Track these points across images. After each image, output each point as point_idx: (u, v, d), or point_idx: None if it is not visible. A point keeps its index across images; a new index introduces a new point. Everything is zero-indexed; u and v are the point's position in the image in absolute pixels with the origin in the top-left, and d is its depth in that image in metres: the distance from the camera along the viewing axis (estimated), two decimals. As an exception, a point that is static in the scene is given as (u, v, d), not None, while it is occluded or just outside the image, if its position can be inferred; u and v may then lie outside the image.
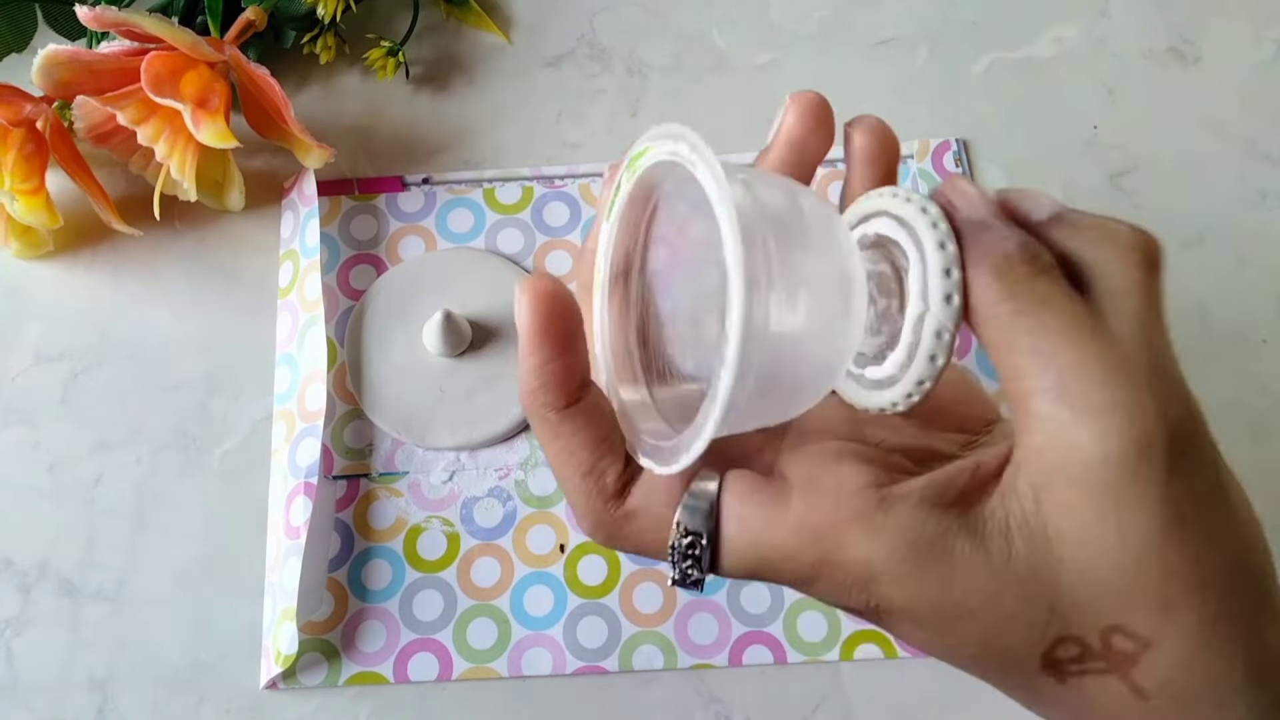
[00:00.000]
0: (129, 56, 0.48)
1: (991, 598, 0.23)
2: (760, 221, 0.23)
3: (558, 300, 0.26)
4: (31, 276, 0.52)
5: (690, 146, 0.24)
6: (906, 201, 0.25)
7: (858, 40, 0.57)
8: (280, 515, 0.45)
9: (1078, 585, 0.23)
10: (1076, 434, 0.23)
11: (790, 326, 0.23)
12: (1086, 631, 0.23)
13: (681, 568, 0.26)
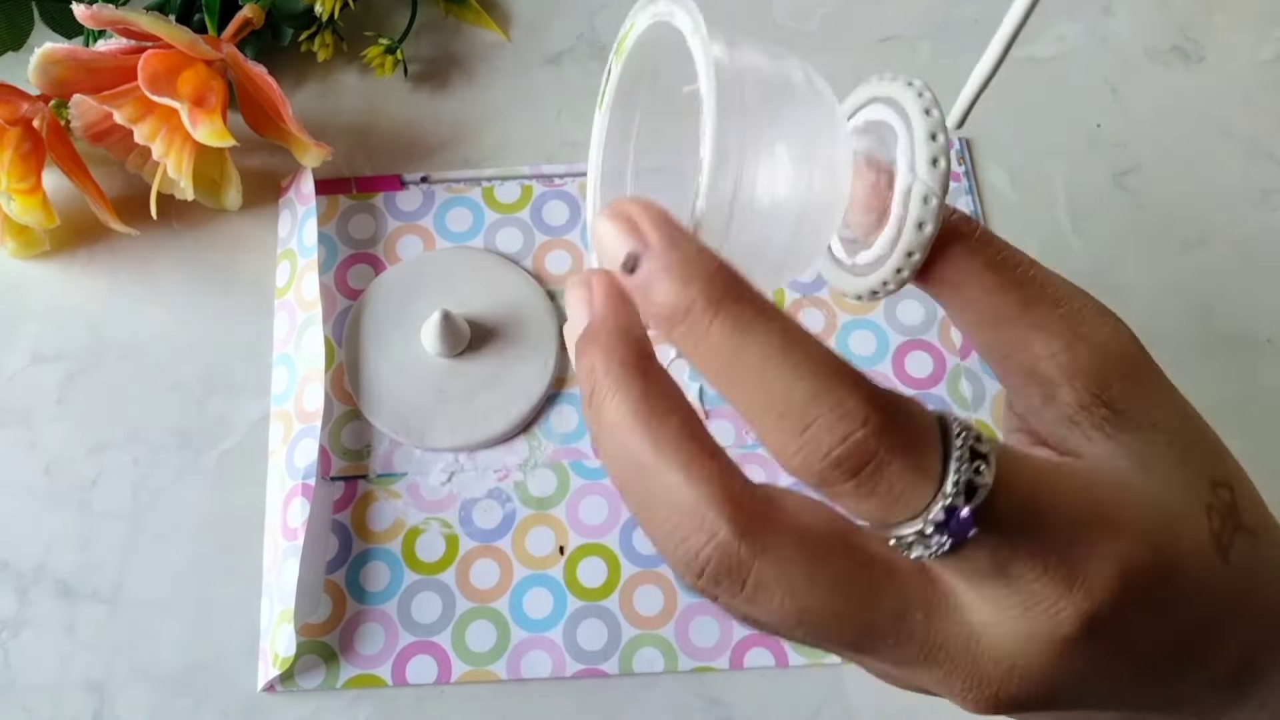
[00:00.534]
0: (126, 55, 0.48)
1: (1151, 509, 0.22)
2: (741, 72, 0.22)
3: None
4: (28, 276, 0.51)
5: (678, 5, 0.23)
6: (892, 80, 0.25)
7: (860, 38, 0.57)
8: (278, 516, 0.45)
9: (1181, 455, 0.24)
10: (1116, 330, 0.24)
11: (771, 179, 0.23)
12: (1210, 496, 0.23)
13: (967, 469, 0.20)
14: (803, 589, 0.21)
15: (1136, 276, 0.51)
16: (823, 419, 0.19)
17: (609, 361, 0.22)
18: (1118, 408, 0.23)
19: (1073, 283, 0.25)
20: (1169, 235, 0.52)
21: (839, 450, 0.19)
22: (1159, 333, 0.49)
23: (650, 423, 0.21)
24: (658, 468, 0.21)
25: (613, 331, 0.22)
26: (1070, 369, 0.23)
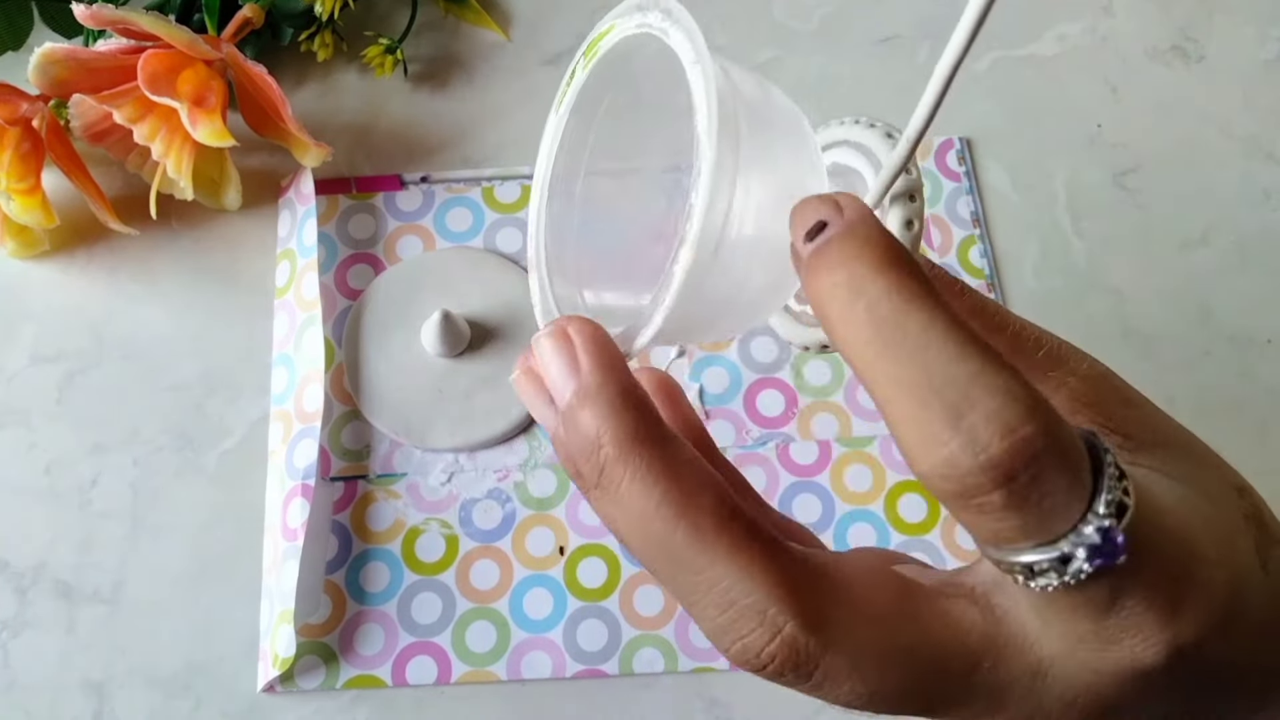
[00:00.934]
0: (125, 54, 0.48)
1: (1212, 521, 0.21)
2: (736, 106, 0.21)
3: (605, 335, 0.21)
4: (27, 276, 0.51)
5: (664, 13, 0.21)
6: (869, 128, 0.23)
7: (860, 38, 0.57)
8: (277, 517, 0.45)
9: (1201, 468, 0.23)
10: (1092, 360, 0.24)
11: (758, 213, 0.21)
12: (1242, 505, 0.22)
13: (1118, 487, 0.18)
14: (874, 674, 0.19)
15: (1137, 276, 0.51)
16: (986, 407, 0.17)
17: (619, 433, 0.19)
18: (1126, 432, 0.23)
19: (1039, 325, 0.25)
20: (1169, 235, 0.52)
21: (1001, 446, 0.16)
22: (1159, 333, 0.49)
23: (685, 509, 0.19)
24: (701, 561, 0.19)
25: (616, 394, 0.20)
26: (1070, 405, 0.23)
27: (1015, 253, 0.51)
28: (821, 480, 0.46)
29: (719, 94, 0.20)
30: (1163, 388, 0.48)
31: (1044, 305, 0.50)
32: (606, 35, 0.23)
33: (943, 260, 0.50)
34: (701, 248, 0.20)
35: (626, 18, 0.23)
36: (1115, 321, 0.50)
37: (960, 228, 0.51)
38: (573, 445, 0.20)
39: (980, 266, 0.50)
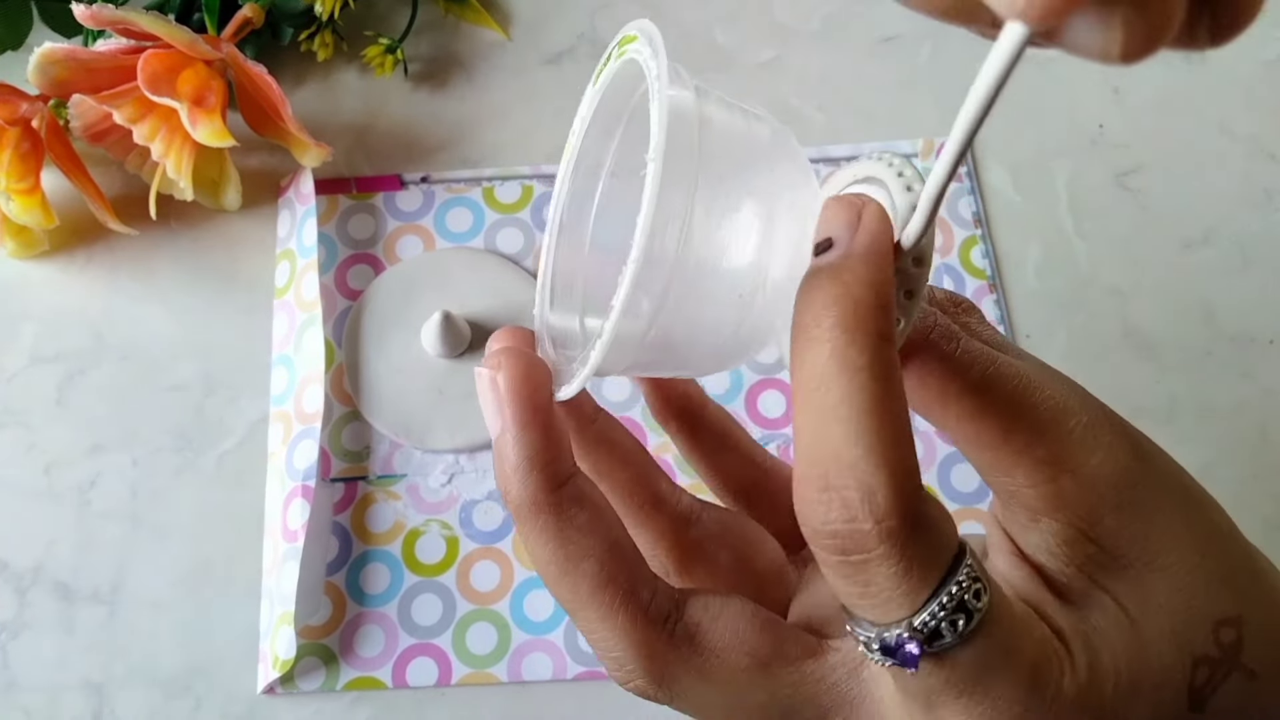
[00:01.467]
0: (125, 54, 0.48)
1: (1139, 663, 0.22)
2: (703, 119, 0.21)
3: (538, 366, 0.23)
4: (27, 277, 0.51)
5: (647, 40, 0.21)
6: (878, 161, 0.23)
7: (861, 37, 0.56)
8: (277, 518, 0.45)
9: (1177, 597, 0.22)
10: (1109, 452, 0.22)
11: (725, 239, 0.21)
12: (1205, 644, 0.22)
13: (935, 620, 0.19)
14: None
15: (1138, 277, 0.51)
16: (843, 494, 0.19)
17: (523, 495, 0.22)
18: (1107, 544, 0.22)
19: (1066, 382, 0.23)
20: (1171, 235, 0.52)
21: (835, 527, 0.19)
22: (1161, 333, 0.49)
23: (566, 572, 0.22)
24: (579, 614, 0.22)
25: (525, 456, 0.22)
26: (1055, 502, 0.22)
27: (1017, 253, 0.51)
28: (822, 481, 0.46)
29: (672, 100, 0.20)
30: (1164, 388, 0.49)
31: (1045, 305, 0.50)
32: (618, 56, 0.23)
33: (945, 261, 0.50)
34: (648, 266, 0.20)
35: (636, 44, 0.23)
36: (1116, 322, 0.50)
37: (962, 228, 0.51)
38: (496, 480, 0.23)
39: (982, 267, 0.50)
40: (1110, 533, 0.22)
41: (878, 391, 0.19)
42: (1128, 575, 0.22)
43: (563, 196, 0.25)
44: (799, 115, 0.54)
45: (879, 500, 0.19)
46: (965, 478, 0.46)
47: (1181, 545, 0.22)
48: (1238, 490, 0.35)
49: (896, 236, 0.21)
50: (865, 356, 0.19)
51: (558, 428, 0.23)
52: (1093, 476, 0.22)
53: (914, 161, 0.52)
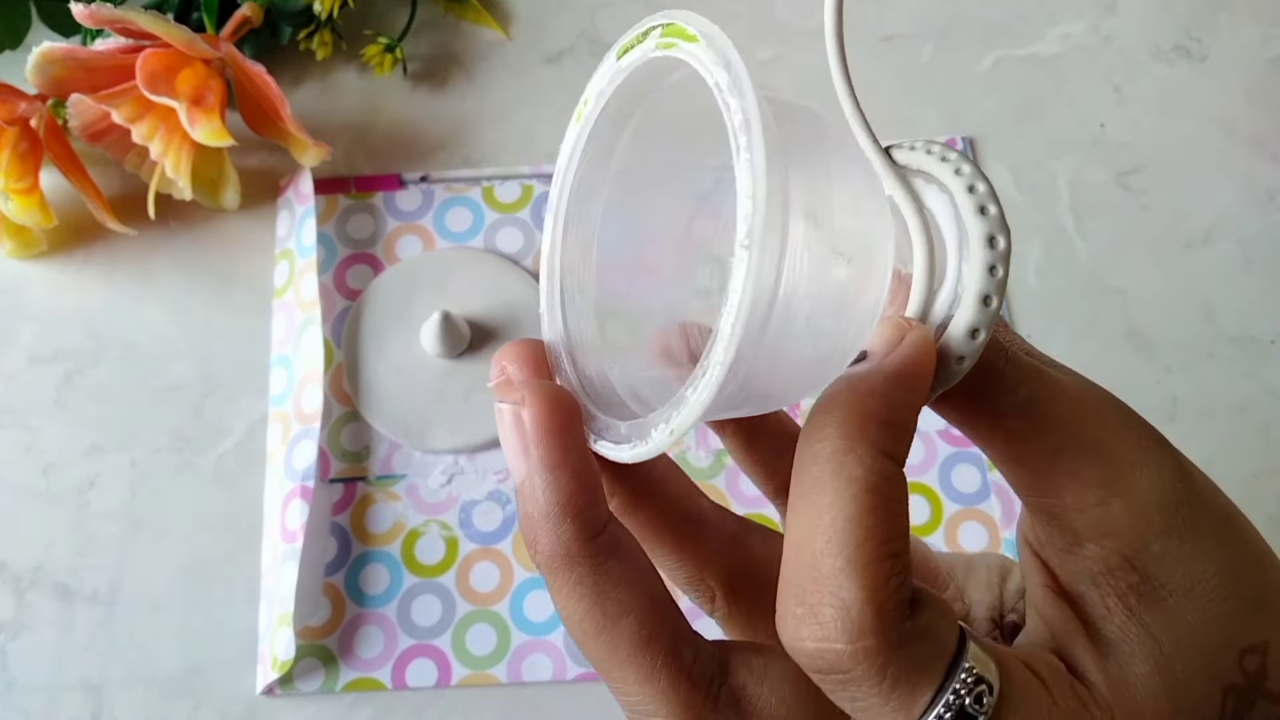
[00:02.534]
0: (124, 54, 0.48)
1: (1174, 705, 0.21)
2: (789, 150, 0.19)
3: (564, 399, 0.21)
4: (25, 277, 0.51)
5: (723, 64, 0.19)
6: (929, 154, 0.21)
7: (863, 36, 0.56)
8: (276, 519, 0.45)
9: (1211, 627, 0.21)
10: (1159, 473, 0.21)
11: (814, 275, 0.19)
12: (1232, 673, 0.21)
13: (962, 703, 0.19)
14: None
15: (1140, 276, 0.51)
16: (824, 611, 0.19)
17: (554, 546, 0.21)
18: (1151, 571, 0.21)
19: (1112, 397, 0.22)
20: (1172, 235, 0.52)
21: (817, 646, 0.18)
22: (1162, 333, 0.49)
23: (604, 631, 0.20)
24: (614, 675, 0.21)
25: (551, 507, 0.20)
26: (1102, 527, 0.21)
27: (1018, 253, 0.51)
28: (823, 482, 0.46)
29: (768, 156, 0.18)
30: (1165, 388, 0.48)
31: (1047, 305, 0.50)
32: (638, 45, 0.22)
33: (945, 260, 0.50)
34: (748, 328, 0.18)
35: (660, 35, 0.21)
36: (1118, 322, 0.50)
37: (962, 228, 0.51)
38: (521, 528, 0.21)
39: (983, 267, 0.50)
40: (1155, 559, 0.21)
41: (869, 504, 0.18)
42: (1165, 606, 0.21)
43: (566, 190, 0.24)
44: (799, 115, 0.54)
45: (853, 618, 0.18)
46: (967, 479, 0.46)
47: (1221, 571, 0.21)
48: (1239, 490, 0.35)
49: (978, 260, 0.21)
50: (861, 468, 0.18)
51: (591, 467, 0.21)
52: (1144, 500, 0.21)
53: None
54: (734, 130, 0.19)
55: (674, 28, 0.21)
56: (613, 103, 0.23)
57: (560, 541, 0.20)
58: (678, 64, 0.21)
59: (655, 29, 0.21)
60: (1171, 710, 0.21)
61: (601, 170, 0.24)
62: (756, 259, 0.17)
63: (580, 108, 0.24)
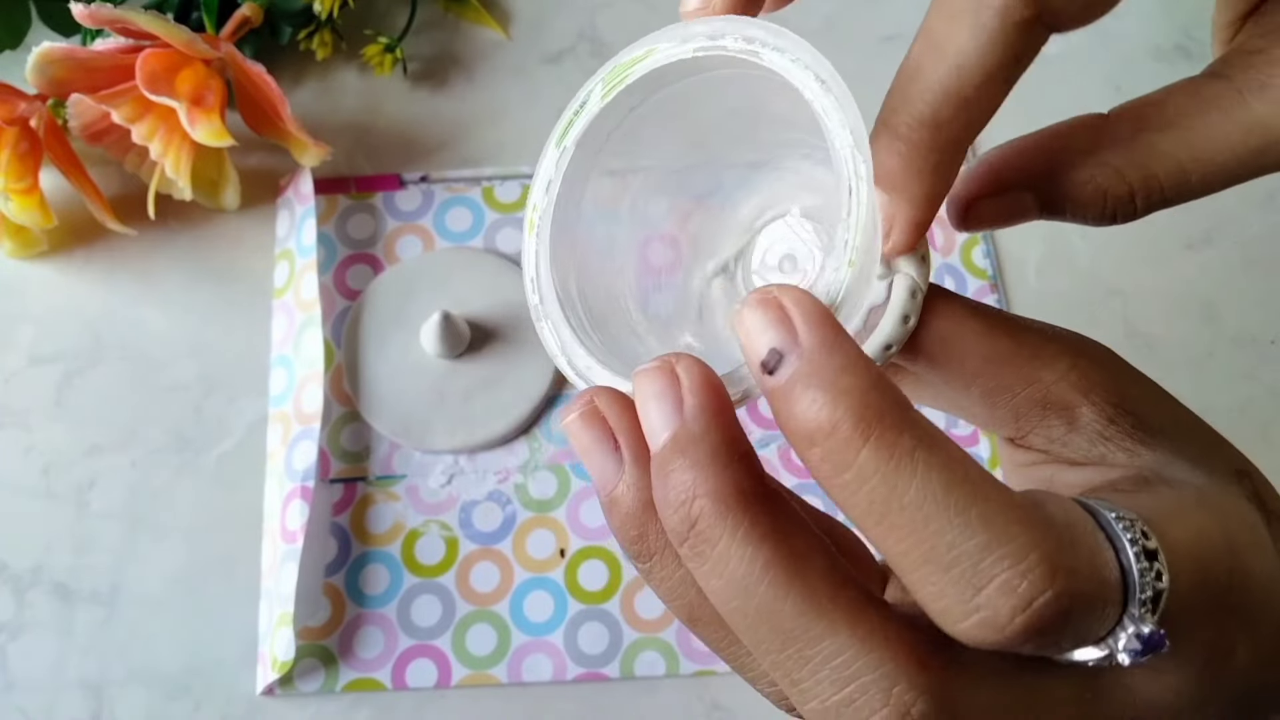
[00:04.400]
0: (124, 54, 0.48)
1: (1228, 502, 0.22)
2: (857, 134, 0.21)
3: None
4: (25, 277, 0.51)
5: (747, 40, 0.20)
6: None
7: (863, 36, 0.56)
8: (276, 519, 0.45)
9: (1207, 452, 0.23)
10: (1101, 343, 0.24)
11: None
12: (1244, 492, 0.23)
13: (1150, 581, 0.18)
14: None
15: (1140, 277, 0.51)
16: (1001, 579, 0.16)
17: (721, 488, 0.18)
18: (1139, 412, 0.23)
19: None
20: (1173, 236, 0.52)
21: (1024, 617, 0.16)
22: (1163, 334, 0.49)
23: (797, 574, 0.18)
24: (814, 630, 0.17)
25: (719, 445, 0.18)
26: (1084, 385, 0.22)
27: (1019, 253, 0.51)
28: (823, 482, 0.46)
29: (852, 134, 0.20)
30: (1166, 389, 0.48)
31: (1047, 306, 0.50)
32: (643, 60, 0.22)
33: (946, 261, 0.50)
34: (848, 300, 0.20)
35: (671, 44, 0.22)
36: (1119, 322, 0.50)
37: (963, 228, 0.51)
38: (659, 495, 0.18)
39: (984, 267, 0.50)
40: (1138, 401, 0.23)
41: (944, 454, 0.17)
42: (1166, 432, 0.23)
43: (557, 186, 0.24)
44: (799, 115, 0.54)
45: (1038, 565, 0.16)
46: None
47: (1185, 411, 0.24)
48: (1240, 491, 0.35)
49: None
50: (906, 433, 0.18)
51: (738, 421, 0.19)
52: (1101, 357, 0.23)
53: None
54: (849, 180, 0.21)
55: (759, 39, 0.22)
56: (620, 99, 0.24)
57: (733, 481, 0.18)
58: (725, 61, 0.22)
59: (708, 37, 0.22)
60: (1228, 497, 0.22)
61: (585, 168, 0.24)
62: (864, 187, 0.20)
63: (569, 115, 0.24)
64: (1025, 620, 0.16)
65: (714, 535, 0.18)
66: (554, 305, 0.23)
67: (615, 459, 0.20)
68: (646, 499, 0.19)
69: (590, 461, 0.20)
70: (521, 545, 0.45)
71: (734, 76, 0.22)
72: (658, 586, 0.20)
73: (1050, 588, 0.16)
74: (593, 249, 0.25)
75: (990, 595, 0.16)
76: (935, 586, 0.17)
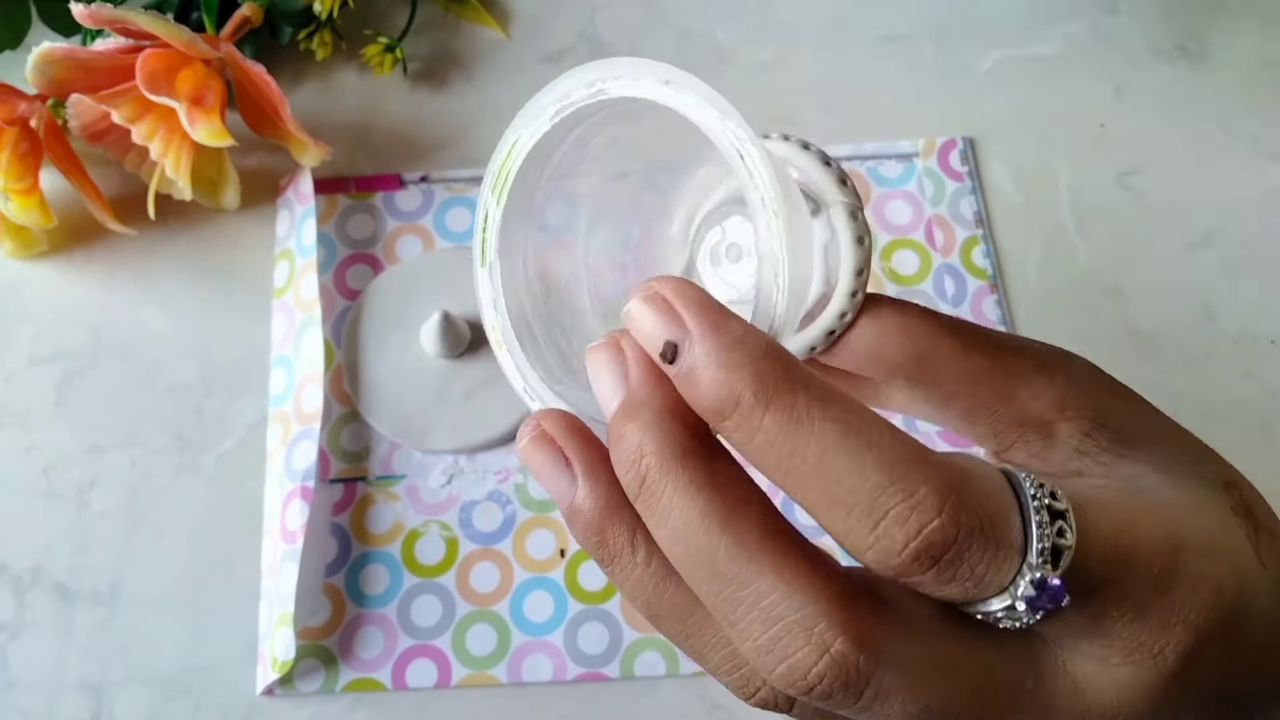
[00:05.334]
0: (124, 54, 0.48)
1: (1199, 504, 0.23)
2: (780, 171, 0.22)
3: None
4: (25, 277, 0.51)
5: (589, 84, 0.22)
6: (792, 145, 0.24)
7: (863, 36, 0.56)
8: (276, 519, 0.45)
9: (1189, 463, 0.24)
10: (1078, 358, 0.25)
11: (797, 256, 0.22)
12: (1230, 502, 0.23)
13: (1050, 534, 0.18)
14: (923, 690, 0.19)
15: (1140, 277, 0.51)
16: (894, 512, 0.18)
17: (664, 445, 0.19)
18: (1117, 425, 0.23)
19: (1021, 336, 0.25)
20: (1173, 235, 0.52)
21: (915, 543, 0.18)
22: (1162, 334, 0.49)
23: (729, 520, 0.19)
24: (745, 573, 0.19)
25: (662, 408, 0.20)
26: (1060, 402, 0.23)
27: (1018, 253, 0.51)
28: (823, 482, 0.46)
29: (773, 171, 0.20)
30: (1166, 389, 0.48)
31: (1047, 305, 0.50)
32: (511, 156, 0.23)
33: (946, 261, 0.50)
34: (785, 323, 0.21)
35: (533, 123, 0.23)
36: (1118, 322, 0.50)
37: (963, 228, 0.51)
38: (616, 461, 0.20)
39: (983, 267, 0.50)
40: (1114, 414, 0.23)
41: (840, 406, 0.19)
42: (1144, 445, 0.23)
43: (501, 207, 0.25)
44: (799, 115, 0.54)
45: (929, 497, 0.18)
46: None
47: (1163, 422, 0.24)
48: (1240, 491, 0.35)
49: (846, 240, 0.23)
50: (803, 394, 0.19)
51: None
52: (1079, 372, 0.24)
53: (916, 160, 0.52)
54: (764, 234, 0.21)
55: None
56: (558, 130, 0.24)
57: (675, 438, 0.20)
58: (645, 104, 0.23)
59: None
60: (1200, 506, 0.22)
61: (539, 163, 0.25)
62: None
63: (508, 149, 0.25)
64: (917, 546, 0.18)
65: (659, 488, 0.19)
66: (510, 333, 0.24)
67: (568, 475, 0.21)
68: (603, 506, 0.21)
69: (546, 481, 0.21)
70: (521, 545, 0.45)
71: (604, 116, 0.24)
72: (621, 585, 0.21)
73: (937, 518, 0.18)
74: (550, 287, 0.26)
75: (887, 526, 0.18)
76: (843, 525, 0.18)
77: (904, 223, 0.51)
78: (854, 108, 0.54)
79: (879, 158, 0.52)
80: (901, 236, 0.51)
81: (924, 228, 0.51)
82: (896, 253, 0.51)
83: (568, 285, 0.26)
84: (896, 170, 0.52)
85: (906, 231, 0.51)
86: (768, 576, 0.19)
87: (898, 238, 0.51)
